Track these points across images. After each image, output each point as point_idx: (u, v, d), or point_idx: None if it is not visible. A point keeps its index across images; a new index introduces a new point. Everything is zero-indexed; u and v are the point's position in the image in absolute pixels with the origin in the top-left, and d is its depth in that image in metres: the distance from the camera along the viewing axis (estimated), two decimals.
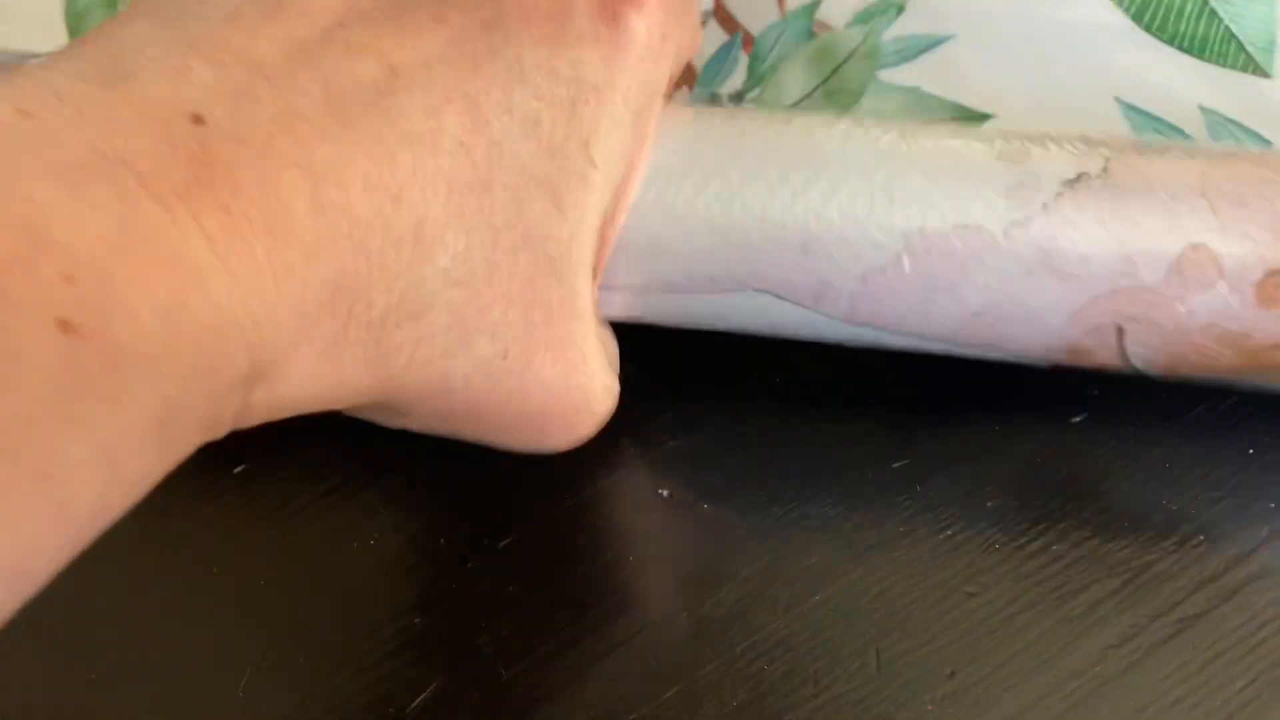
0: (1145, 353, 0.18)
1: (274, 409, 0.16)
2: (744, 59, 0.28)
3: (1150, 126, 0.25)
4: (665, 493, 0.22)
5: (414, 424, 0.19)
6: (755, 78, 0.27)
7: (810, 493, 0.22)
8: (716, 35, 0.28)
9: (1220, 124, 0.25)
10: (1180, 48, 0.26)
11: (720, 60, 0.28)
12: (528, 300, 0.17)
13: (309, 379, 0.16)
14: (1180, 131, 0.25)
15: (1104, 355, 0.18)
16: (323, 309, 0.15)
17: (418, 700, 0.20)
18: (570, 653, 0.20)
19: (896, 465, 0.22)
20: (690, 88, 0.28)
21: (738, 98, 0.27)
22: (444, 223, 0.16)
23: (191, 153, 0.14)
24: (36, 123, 0.13)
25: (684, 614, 0.21)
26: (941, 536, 0.21)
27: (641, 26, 0.18)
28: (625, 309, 0.20)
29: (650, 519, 0.22)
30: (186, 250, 0.13)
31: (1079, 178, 0.18)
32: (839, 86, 0.26)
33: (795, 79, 0.27)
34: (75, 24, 0.32)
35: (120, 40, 0.15)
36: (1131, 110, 0.25)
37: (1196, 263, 0.17)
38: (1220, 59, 0.25)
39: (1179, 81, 0.25)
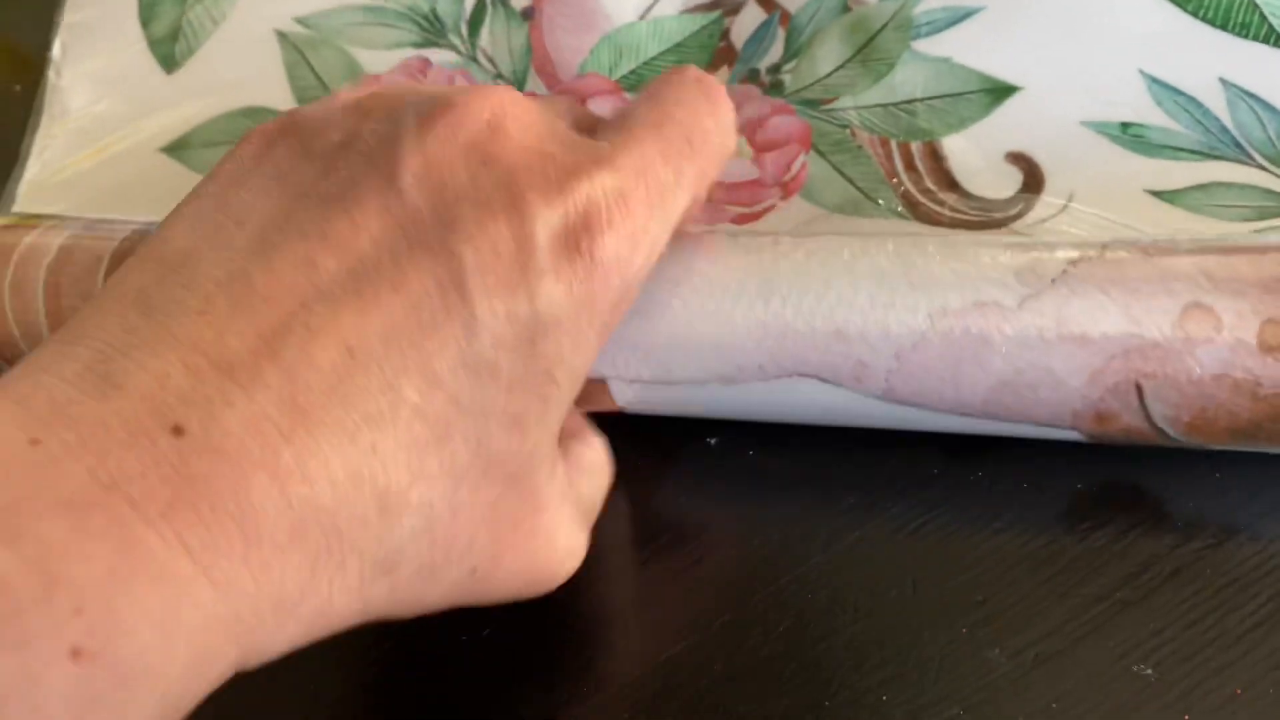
0: (1166, 410, 0.20)
1: (265, 661, 0.17)
2: (781, 34, 0.29)
3: (1171, 98, 0.26)
4: (713, 441, 0.24)
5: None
6: (792, 51, 0.29)
7: (849, 440, 0.23)
8: (755, 14, 0.30)
9: (1239, 97, 0.26)
10: (1203, 19, 0.27)
11: (759, 37, 0.29)
12: (492, 521, 0.18)
13: (298, 639, 0.17)
14: (1200, 105, 0.26)
15: (1129, 418, 0.20)
16: (302, 590, 0.16)
17: (486, 630, 0.22)
18: (629, 585, 0.22)
19: None
20: (730, 66, 0.29)
21: (775, 70, 0.29)
22: (407, 485, 0.17)
23: (175, 468, 0.15)
24: (43, 450, 0.15)
25: (733, 550, 0.22)
26: (972, 479, 0.22)
27: (608, 246, 0.18)
28: (686, 403, 0.22)
29: (700, 466, 0.24)
30: (174, 566, 0.15)
31: (1080, 258, 0.20)
32: (872, 57, 0.28)
33: (830, 51, 0.28)
34: (148, 13, 0.33)
35: (110, 340, 0.16)
36: (1154, 82, 0.27)
37: (1197, 318, 0.19)
38: (1243, 30, 0.27)
39: (1201, 53, 0.27)
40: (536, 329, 0.17)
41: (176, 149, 0.31)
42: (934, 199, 0.26)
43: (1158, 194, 0.25)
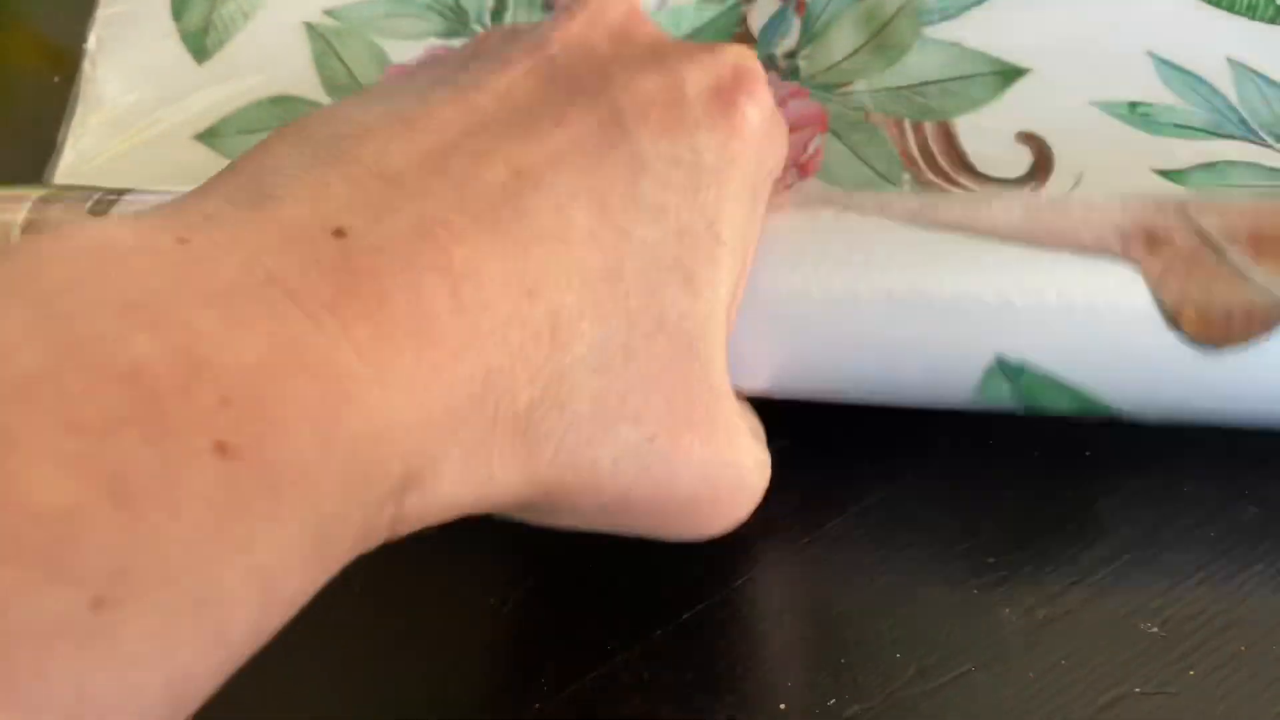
0: (1218, 221, 0.19)
1: (426, 515, 0.15)
2: (797, 22, 0.30)
3: (1179, 78, 0.27)
4: None
5: (565, 521, 0.19)
6: (807, 38, 0.29)
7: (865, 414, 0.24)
8: (771, 2, 0.30)
9: (1246, 76, 0.27)
10: (1210, 1, 0.27)
11: (776, 24, 0.30)
12: (668, 383, 0.17)
13: (460, 479, 0.15)
14: (1208, 84, 0.27)
15: (1182, 237, 0.19)
16: (471, 405, 0.15)
17: (508, 601, 0.23)
18: (653, 549, 0.23)
19: None
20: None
21: (791, 55, 0.29)
22: (579, 312, 0.16)
23: (336, 264, 0.14)
24: (192, 248, 0.14)
25: (756, 513, 0.23)
26: (987, 446, 0.23)
27: (755, 111, 0.18)
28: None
29: None
30: (337, 361, 0.13)
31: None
32: (885, 43, 0.28)
33: (844, 37, 0.29)
34: (180, 6, 0.34)
35: (263, 164, 0.16)
36: (1162, 63, 0.27)
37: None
38: (1250, 10, 0.27)
39: (1208, 33, 0.27)
40: (698, 175, 0.18)
41: (210, 136, 0.32)
42: (948, 179, 0.27)
43: (1165, 173, 0.26)
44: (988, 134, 0.27)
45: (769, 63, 0.29)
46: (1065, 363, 0.19)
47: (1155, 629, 0.21)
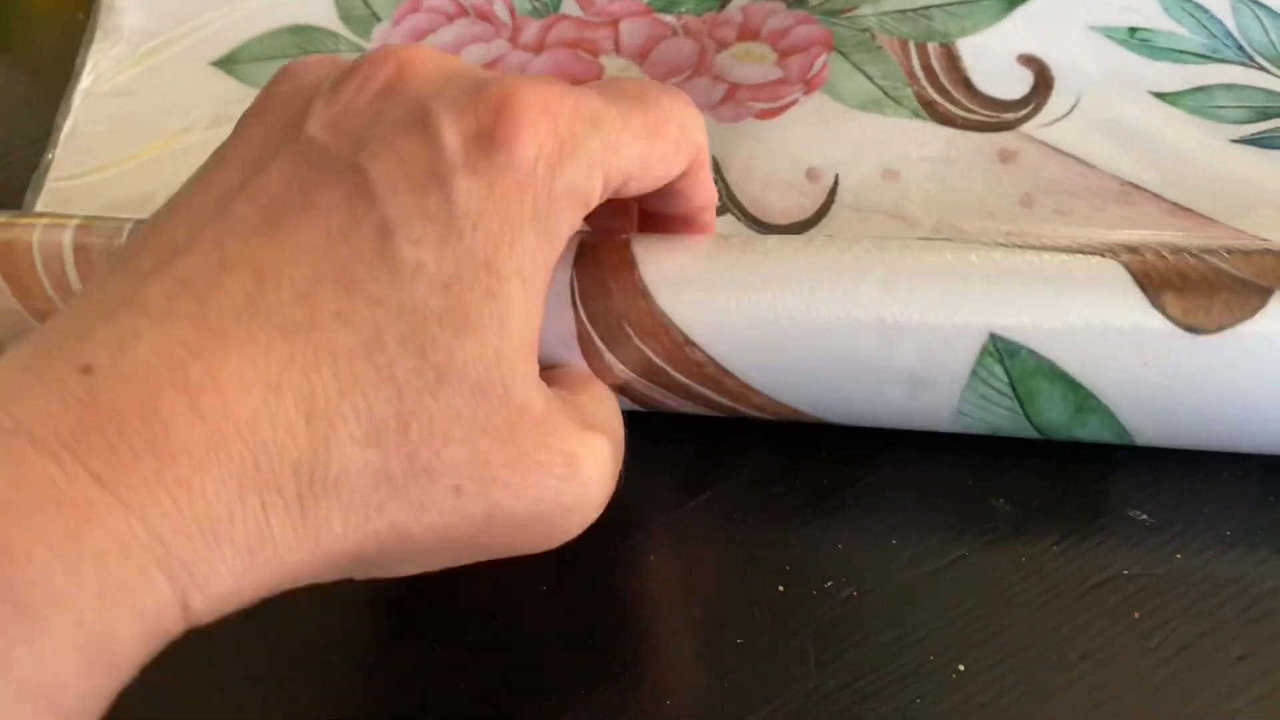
0: None
1: (222, 604, 0.16)
2: None
3: (1178, 5, 0.28)
4: None
5: (407, 570, 0.18)
6: None
7: None
8: None
9: (1243, 2, 0.28)
10: None
11: None
12: (463, 432, 0.17)
13: (244, 571, 0.16)
14: (1206, 10, 0.28)
15: None
16: (231, 506, 0.16)
17: None
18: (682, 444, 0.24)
19: None
20: None
21: None
22: (338, 394, 0.16)
23: (79, 401, 0.15)
24: None
25: None
26: None
27: (524, 139, 0.17)
28: None
29: None
30: (74, 491, 0.15)
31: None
32: None
33: None
34: None
35: (67, 323, 0.17)
36: None
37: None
38: None
39: None
40: (462, 222, 0.17)
41: (227, 63, 0.33)
42: (949, 98, 0.27)
43: (1161, 95, 0.27)
44: (990, 55, 0.28)
45: None
46: (1056, 346, 0.20)
47: (1144, 516, 0.21)
